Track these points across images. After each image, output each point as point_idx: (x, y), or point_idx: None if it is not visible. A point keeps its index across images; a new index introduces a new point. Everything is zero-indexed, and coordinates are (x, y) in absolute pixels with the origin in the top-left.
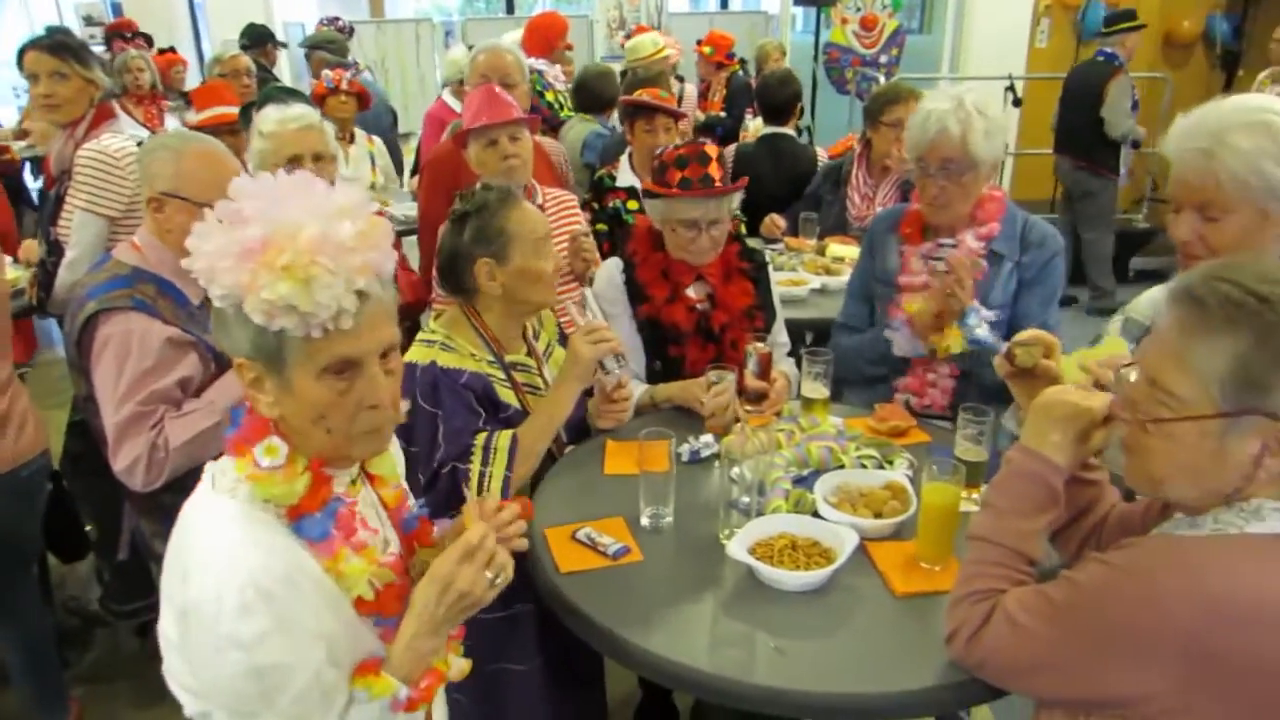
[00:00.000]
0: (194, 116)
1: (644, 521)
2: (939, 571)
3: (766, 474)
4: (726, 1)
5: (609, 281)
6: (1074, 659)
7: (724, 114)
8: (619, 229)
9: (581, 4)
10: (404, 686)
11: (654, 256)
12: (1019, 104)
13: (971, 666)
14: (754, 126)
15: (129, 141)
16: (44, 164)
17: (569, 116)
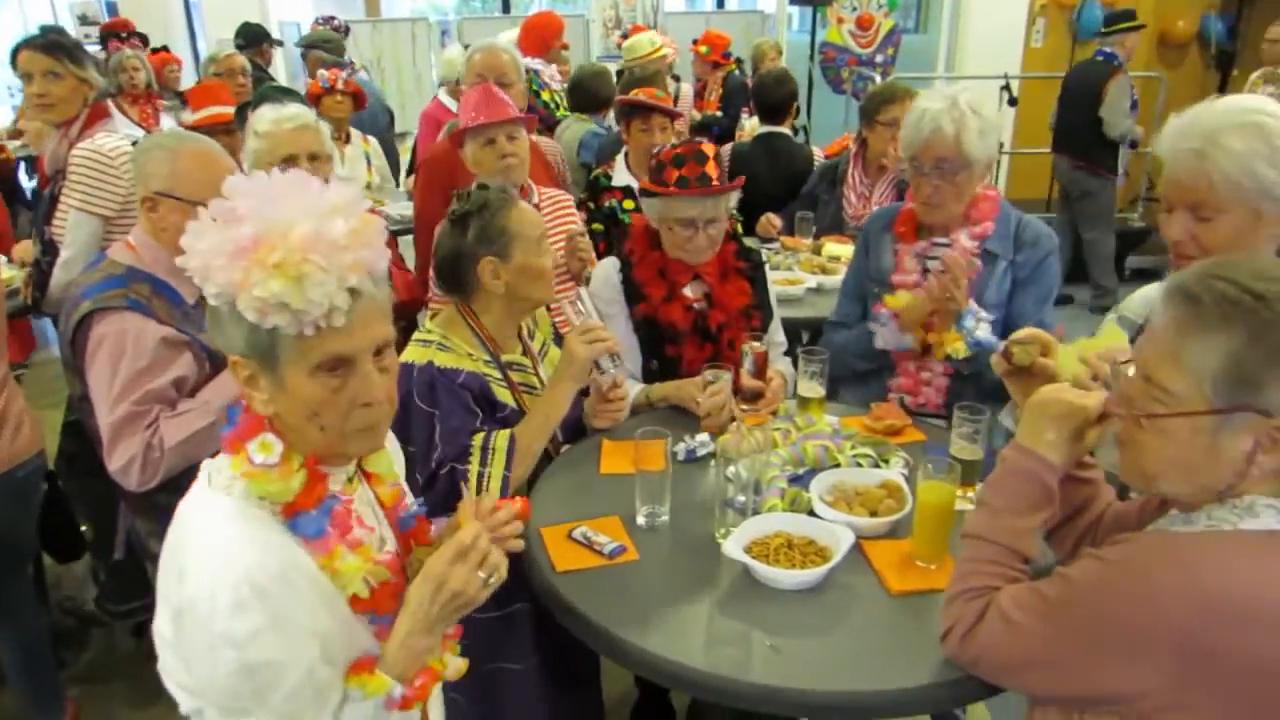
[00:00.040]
0: (190, 116)
1: (640, 520)
2: (934, 570)
3: (762, 473)
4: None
5: (606, 281)
6: (1068, 655)
7: (720, 113)
8: (615, 228)
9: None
10: (398, 685)
11: (651, 255)
12: (1014, 103)
13: (966, 664)
14: (750, 126)
15: (123, 141)
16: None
17: (565, 116)
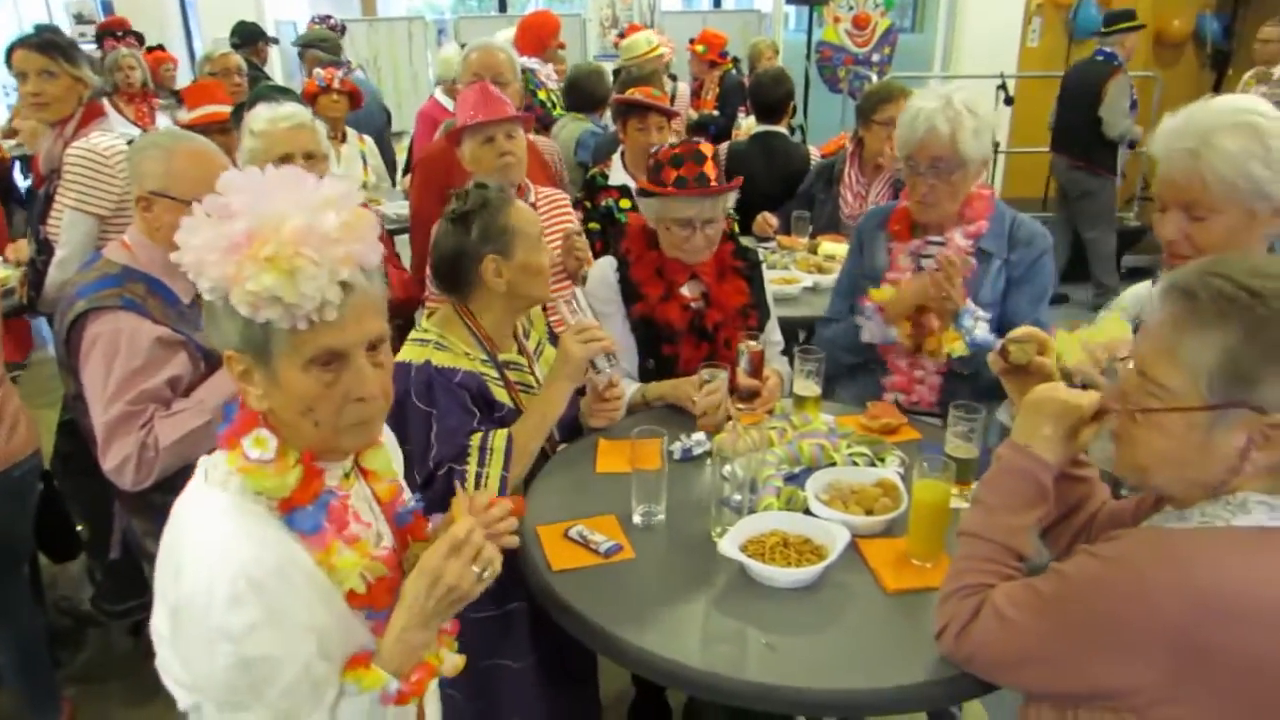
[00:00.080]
0: (185, 115)
1: (636, 519)
2: (930, 568)
3: (758, 471)
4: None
5: (602, 280)
6: (1062, 652)
7: (717, 112)
8: (611, 228)
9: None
10: (394, 679)
11: (648, 255)
12: (1010, 103)
13: (960, 661)
14: (747, 125)
15: (118, 140)
16: (33, 162)
17: (561, 115)
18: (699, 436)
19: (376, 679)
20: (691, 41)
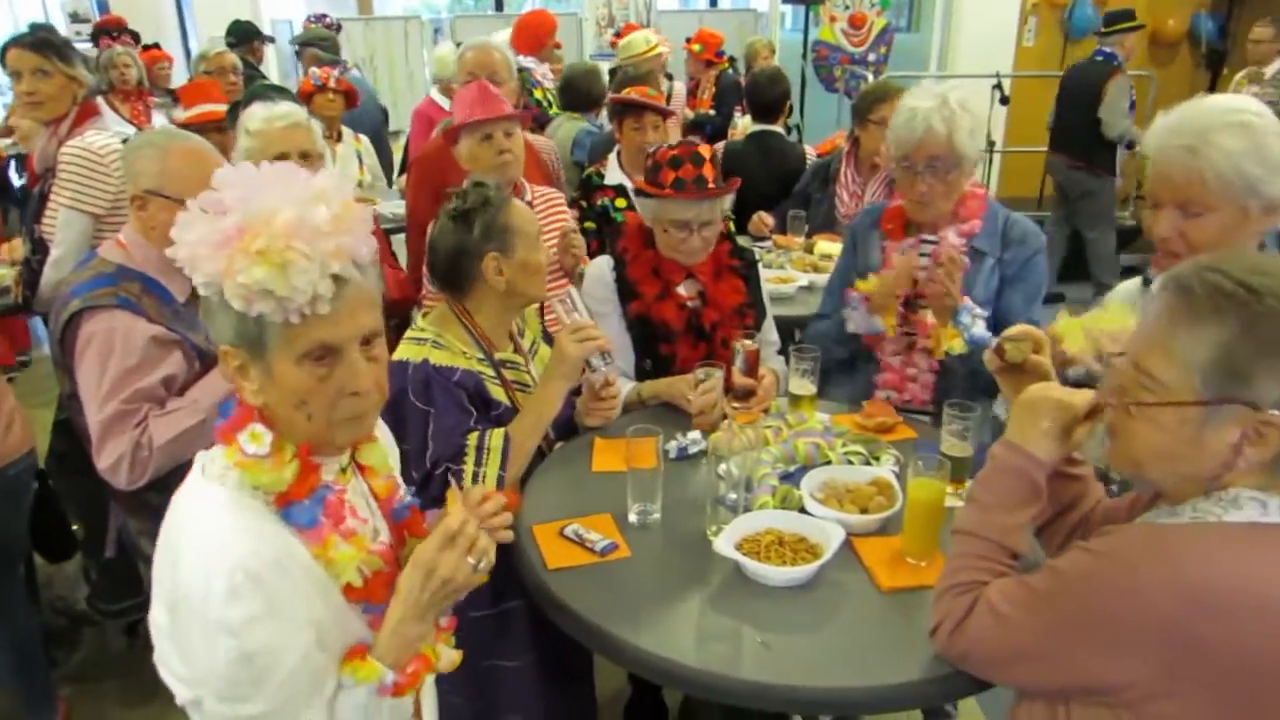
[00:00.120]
0: (181, 114)
1: (632, 518)
2: (925, 566)
3: (754, 470)
4: None
5: (599, 279)
6: (1056, 648)
7: (713, 112)
8: (607, 227)
9: (570, 2)
10: (390, 671)
11: (645, 254)
12: (1006, 102)
13: (955, 658)
14: (743, 124)
15: (113, 138)
16: (27, 161)
17: (557, 115)
18: (694, 435)
19: (373, 671)
20: (688, 41)
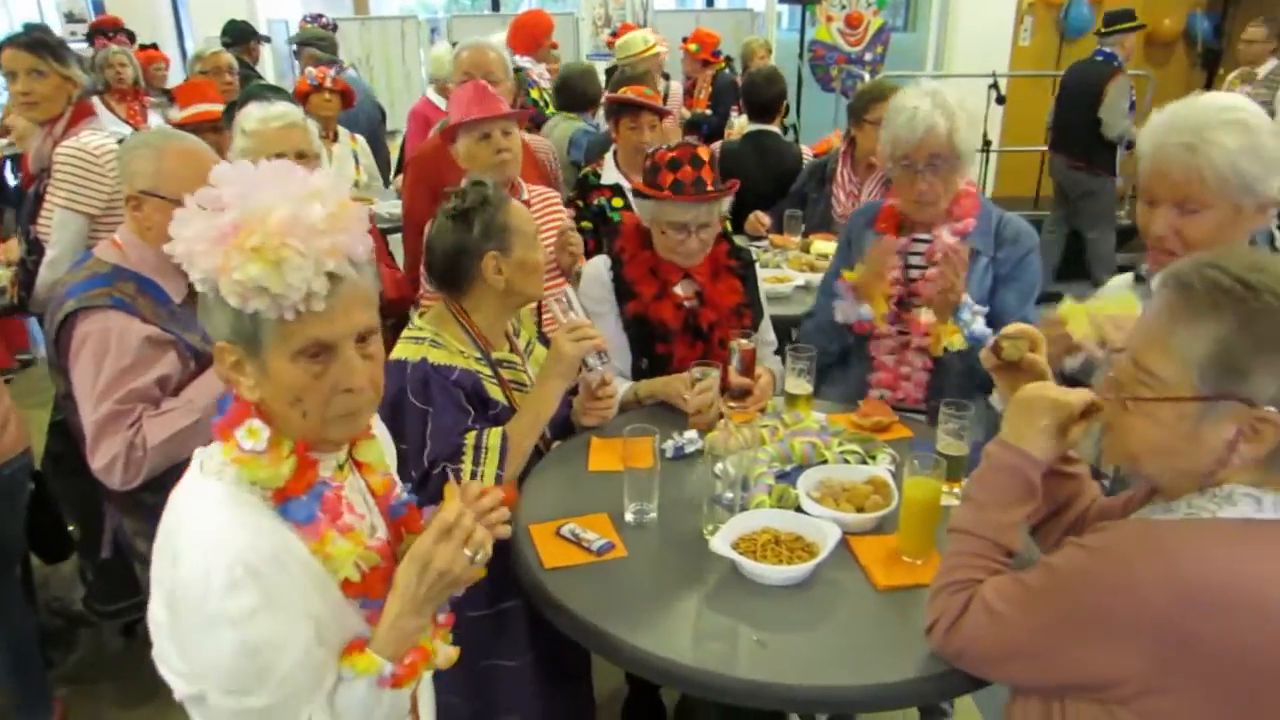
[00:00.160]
0: (177, 114)
1: (628, 517)
2: (920, 565)
3: (750, 469)
4: None
5: (596, 279)
6: (1050, 644)
7: (709, 111)
8: (604, 226)
9: (567, 1)
10: (388, 664)
11: (642, 254)
12: (1002, 101)
13: (950, 656)
14: (739, 124)
15: (109, 139)
16: (22, 161)
17: (553, 114)
18: (691, 435)
19: (371, 663)
20: (684, 40)
